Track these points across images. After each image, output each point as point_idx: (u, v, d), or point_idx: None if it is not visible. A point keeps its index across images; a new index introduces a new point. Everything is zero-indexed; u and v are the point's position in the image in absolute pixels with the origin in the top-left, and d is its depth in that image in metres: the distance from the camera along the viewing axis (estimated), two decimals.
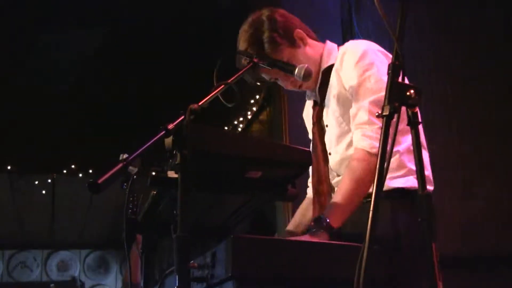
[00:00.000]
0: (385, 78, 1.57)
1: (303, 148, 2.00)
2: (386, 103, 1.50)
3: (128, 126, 6.92)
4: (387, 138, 1.49)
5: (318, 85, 2.54)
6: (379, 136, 2.17)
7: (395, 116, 1.50)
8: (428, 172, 2.37)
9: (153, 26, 6.10)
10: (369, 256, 1.37)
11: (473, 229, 4.73)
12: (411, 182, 2.28)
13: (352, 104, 2.35)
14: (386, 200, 2.19)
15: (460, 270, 4.33)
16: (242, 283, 1.72)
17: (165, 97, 6.55)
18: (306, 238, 2.10)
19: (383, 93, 1.56)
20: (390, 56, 2.39)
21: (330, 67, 2.50)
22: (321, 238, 2.06)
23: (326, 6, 4.87)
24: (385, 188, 2.21)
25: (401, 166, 2.28)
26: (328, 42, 2.61)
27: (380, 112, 1.53)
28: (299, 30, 2.51)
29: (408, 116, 1.55)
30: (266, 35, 2.42)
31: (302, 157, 1.98)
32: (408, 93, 1.52)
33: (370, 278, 1.35)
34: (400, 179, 2.27)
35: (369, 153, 2.20)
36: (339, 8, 4.96)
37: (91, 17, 6.02)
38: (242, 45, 2.45)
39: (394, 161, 2.25)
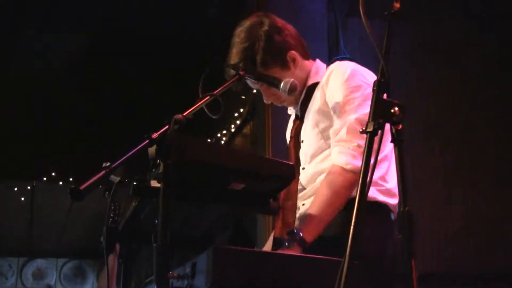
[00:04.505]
0: (369, 100, 1.58)
1: (287, 162, 2.01)
2: (370, 119, 1.51)
3: (110, 136, 6.89)
4: (370, 154, 1.49)
5: (300, 101, 2.55)
6: (355, 154, 2.21)
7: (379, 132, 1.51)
8: (392, 184, 2.36)
9: (138, 35, 6.10)
10: (349, 272, 1.38)
11: (452, 246, 4.76)
12: (370, 192, 2.28)
13: (333, 121, 2.37)
14: (343, 211, 2.20)
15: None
16: None
17: (148, 106, 6.55)
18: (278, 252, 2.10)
19: (367, 112, 1.57)
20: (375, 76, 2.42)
21: (315, 84, 2.52)
22: (294, 252, 2.06)
23: (313, 23, 4.91)
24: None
25: None
26: (318, 60, 2.63)
27: (364, 128, 1.53)
28: (293, 52, 2.51)
29: (392, 134, 1.56)
30: (259, 57, 2.43)
31: (286, 170, 1.99)
32: (392, 110, 1.53)
33: None
34: None
35: (345, 170, 2.21)
36: (326, 25, 5.00)
37: (75, 22, 6.01)
38: (234, 56, 2.45)
39: None
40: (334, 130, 2.33)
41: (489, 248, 4.79)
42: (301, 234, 2.11)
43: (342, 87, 2.36)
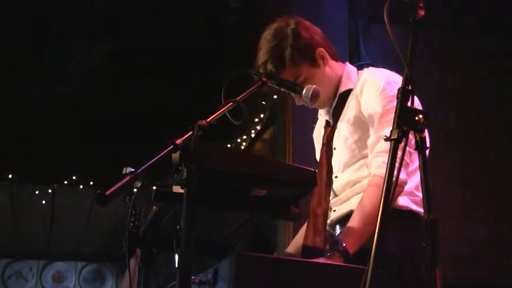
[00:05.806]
0: None
1: (309, 168, 2.00)
2: (394, 127, 1.51)
3: (130, 140, 6.93)
4: (394, 162, 1.49)
5: (333, 106, 2.53)
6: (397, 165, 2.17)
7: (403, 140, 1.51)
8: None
9: (157, 39, 6.13)
10: (373, 279, 1.37)
11: (472, 257, 4.72)
12: (404, 201, 2.27)
13: (369, 132, 2.34)
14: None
15: None
16: None
17: (168, 111, 6.57)
18: (320, 261, 2.07)
19: None
20: None
21: (348, 91, 2.49)
22: (335, 262, 2.04)
23: (334, 29, 4.90)
24: None
25: None
26: (348, 64, 2.61)
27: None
28: (321, 49, 2.49)
29: (416, 141, 1.56)
30: (288, 52, 2.41)
31: (307, 177, 1.98)
32: (416, 118, 1.52)
33: None
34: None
35: None
36: (346, 33, 4.99)
37: (96, 28, 6.06)
38: (263, 55, 2.43)
39: None
40: (373, 141, 2.31)
41: (510, 258, 4.74)
42: (344, 244, 2.09)
43: (378, 97, 2.33)
